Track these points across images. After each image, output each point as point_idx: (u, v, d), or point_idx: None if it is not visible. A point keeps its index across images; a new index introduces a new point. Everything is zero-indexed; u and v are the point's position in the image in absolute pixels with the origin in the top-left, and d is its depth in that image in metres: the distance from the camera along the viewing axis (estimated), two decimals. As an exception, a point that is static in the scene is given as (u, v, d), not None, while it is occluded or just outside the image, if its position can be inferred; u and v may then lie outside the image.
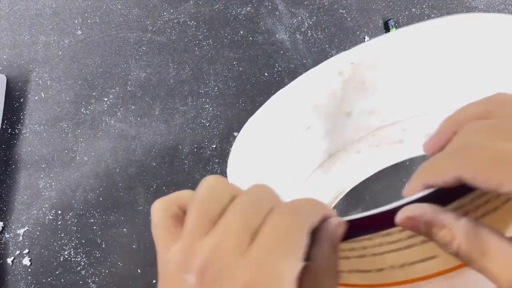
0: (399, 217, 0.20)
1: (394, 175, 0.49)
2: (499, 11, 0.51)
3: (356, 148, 0.46)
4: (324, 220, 0.20)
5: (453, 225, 0.19)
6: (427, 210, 0.19)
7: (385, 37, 0.40)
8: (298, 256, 0.18)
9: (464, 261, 0.19)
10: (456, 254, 0.19)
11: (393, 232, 0.20)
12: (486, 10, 0.52)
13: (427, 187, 0.20)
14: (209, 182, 0.20)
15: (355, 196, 0.47)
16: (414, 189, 0.21)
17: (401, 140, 0.47)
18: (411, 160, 0.48)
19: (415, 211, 0.19)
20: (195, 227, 0.18)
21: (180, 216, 0.20)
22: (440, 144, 0.24)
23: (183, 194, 0.21)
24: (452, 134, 0.23)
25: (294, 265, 0.17)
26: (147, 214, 0.50)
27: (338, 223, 0.20)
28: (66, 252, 0.49)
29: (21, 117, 0.52)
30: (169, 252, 0.18)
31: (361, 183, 0.49)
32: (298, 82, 0.38)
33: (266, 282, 0.16)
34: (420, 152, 0.48)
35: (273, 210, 0.19)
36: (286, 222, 0.18)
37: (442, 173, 0.19)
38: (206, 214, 0.19)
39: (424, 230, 0.19)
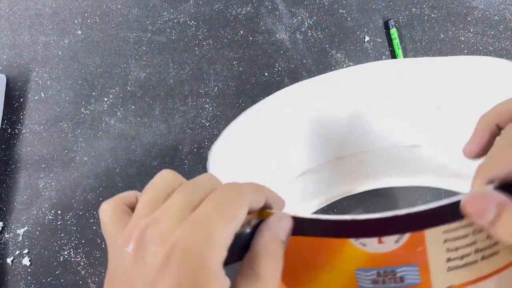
0: (470, 196, 0.18)
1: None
2: (499, 11, 0.51)
3: (317, 176, 0.45)
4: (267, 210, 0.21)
5: None
6: (497, 195, 0.18)
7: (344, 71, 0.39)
8: (232, 221, 0.18)
9: None
10: None
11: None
12: (486, 10, 0.52)
13: (490, 183, 0.19)
14: (161, 173, 0.21)
15: (355, 197, 0.47)
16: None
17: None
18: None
19: (488, 192, 0.18)
20: (142, 209, 0.19)
21: (129, 212, 0.21)
22: (484, 141, 0.23)
23: (129, 193, 0.22)
24: (495, 128, 0.22)
25: (226, 228, 0.18)
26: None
27: (281, 216, 0.21)
28: (66, 252, 0.49)
29: (21, 117, 0.52)
30: (118, 238, 0.19)
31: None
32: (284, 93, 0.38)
33: (198, 238, 0.17)
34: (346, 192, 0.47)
35: (215, 189, 0.20)
36: (225, 193, 0.19)
37: (508, 163, 0.18)
38: (154, 198, 0.20)
39: (492, 216, 0.18)
